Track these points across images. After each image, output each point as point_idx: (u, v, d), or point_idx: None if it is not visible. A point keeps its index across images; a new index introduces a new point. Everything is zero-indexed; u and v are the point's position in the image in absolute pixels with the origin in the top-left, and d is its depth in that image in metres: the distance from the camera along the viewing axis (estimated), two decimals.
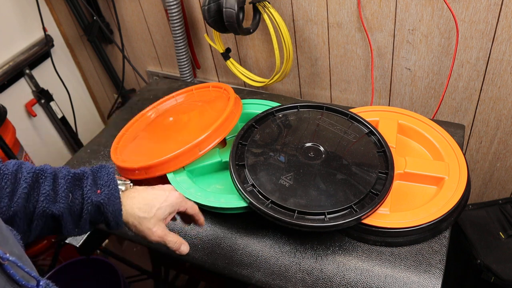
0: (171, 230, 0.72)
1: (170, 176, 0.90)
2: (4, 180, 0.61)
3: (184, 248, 0.73)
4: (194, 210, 0.75)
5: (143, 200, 0.69)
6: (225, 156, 0.94)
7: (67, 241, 1.00)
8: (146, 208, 0.68)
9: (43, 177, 0.65)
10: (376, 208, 0.79)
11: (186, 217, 0.78)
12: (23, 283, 0.49)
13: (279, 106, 1.01)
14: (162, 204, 0.69)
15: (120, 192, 0.69)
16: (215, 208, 0.85)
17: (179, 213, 0.75)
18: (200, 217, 0.77)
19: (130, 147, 1.03)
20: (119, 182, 0.70)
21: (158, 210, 0.69)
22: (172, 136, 0.99)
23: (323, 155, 0.88)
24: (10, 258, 0.48)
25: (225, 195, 0.87)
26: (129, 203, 0.68)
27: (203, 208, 0.86)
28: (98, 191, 0.66)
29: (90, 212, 0.66)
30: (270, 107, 1.01)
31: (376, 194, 0.80)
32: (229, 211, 0.86)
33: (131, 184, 0.72)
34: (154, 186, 0.73)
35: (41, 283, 0.51)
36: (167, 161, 0.89)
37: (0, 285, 0.45)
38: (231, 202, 0.84)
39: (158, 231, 0.69)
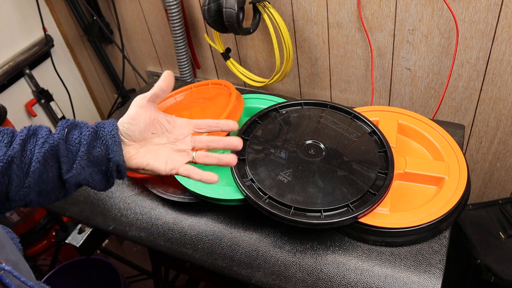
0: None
1: None
2: (1, 134, 0.58)
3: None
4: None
5: None
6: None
7: (67, 241, 1.00)
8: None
9: (40, 129, 0.60)
10: (373, 207, 0.79)
11: None
12: None
13: (283, 102, 1.01)
14: None
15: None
16: (214, 199, 0.86)
17: None
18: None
19: None
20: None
21: None
22: None
23: (323, 153, 0.89)
24: (6, 268, 0.48)
25: (224, 187, 0.88)
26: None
27: (202, 199, 0.88)
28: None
29: (87, 138, 0.61)
30: (275, 103, 1.02)
31: (374, 193, 0.80)
32: (228, 203, 0.87)
33: None
34: None
35: None
36: None
37: None
38: (229, 194, 0.85)
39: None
